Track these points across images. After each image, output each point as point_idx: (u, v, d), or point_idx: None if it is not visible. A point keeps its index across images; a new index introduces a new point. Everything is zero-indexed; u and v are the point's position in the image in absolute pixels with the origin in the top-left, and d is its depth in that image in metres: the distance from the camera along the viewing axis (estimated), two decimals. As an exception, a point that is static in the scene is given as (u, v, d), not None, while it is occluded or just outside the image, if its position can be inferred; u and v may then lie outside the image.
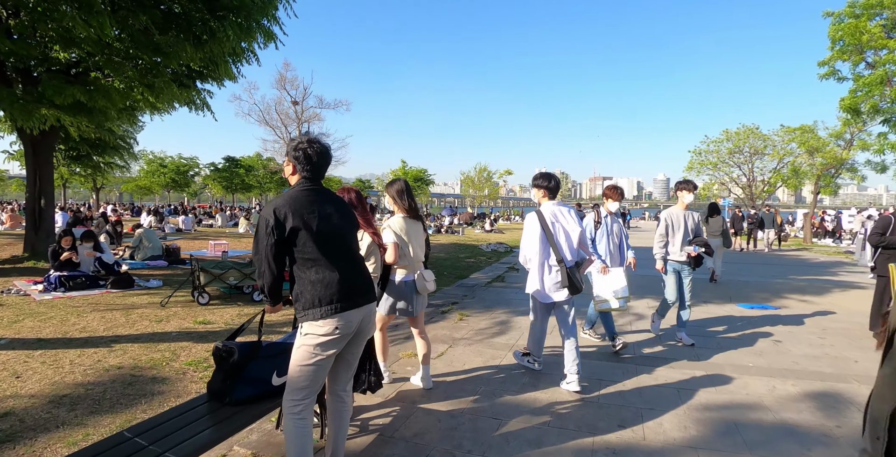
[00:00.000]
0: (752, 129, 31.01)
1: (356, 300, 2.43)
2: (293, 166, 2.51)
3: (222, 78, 10.33)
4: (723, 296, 8.66)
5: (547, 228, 4.02)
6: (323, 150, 2.51)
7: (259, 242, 2.36)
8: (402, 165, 49.86)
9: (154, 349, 4.96)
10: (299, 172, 2.49)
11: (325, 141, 2.59)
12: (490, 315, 6.79)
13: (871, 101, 15.10)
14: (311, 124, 30.50)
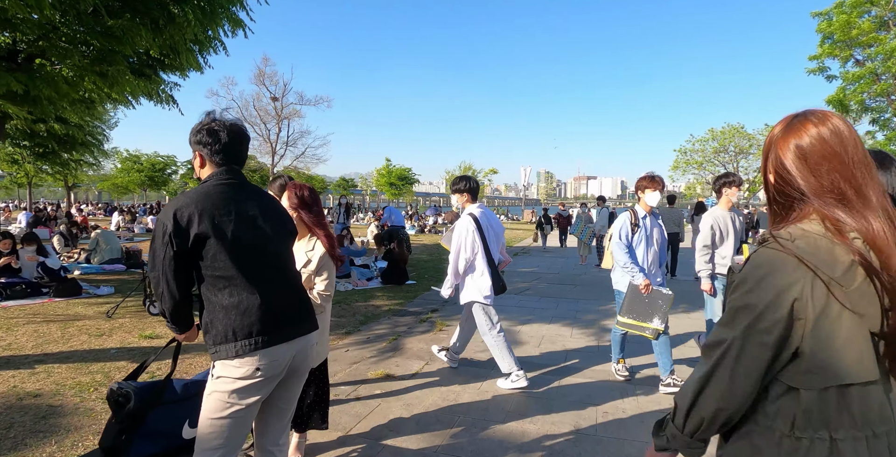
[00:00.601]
0: (737, 128, 31.03)
1: (286, 331, 1.85)
2: (201, 156, 1.92)
3: (186, 68, 9.60)
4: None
5: (482, 231, 4.04)
6: (235, 127, 1.93)
7: (155, 254, 1.76)
8: (387, 164, 49.08)
9: (84, 371, 4.30)
10: (209, 159, 1.91)
11: (236, 119, 2.00)
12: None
13: (858, 97, 14.84)
14: (292, 121, 29.72)
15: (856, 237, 0.96)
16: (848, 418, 0.97)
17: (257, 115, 28.89)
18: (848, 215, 0.97)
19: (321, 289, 2.59)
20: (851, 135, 1.02)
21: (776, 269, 0.97)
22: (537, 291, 8.76)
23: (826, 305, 0.94)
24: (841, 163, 0.99)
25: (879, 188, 1.00)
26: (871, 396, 0.97)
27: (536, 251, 16.46)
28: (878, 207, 0.98)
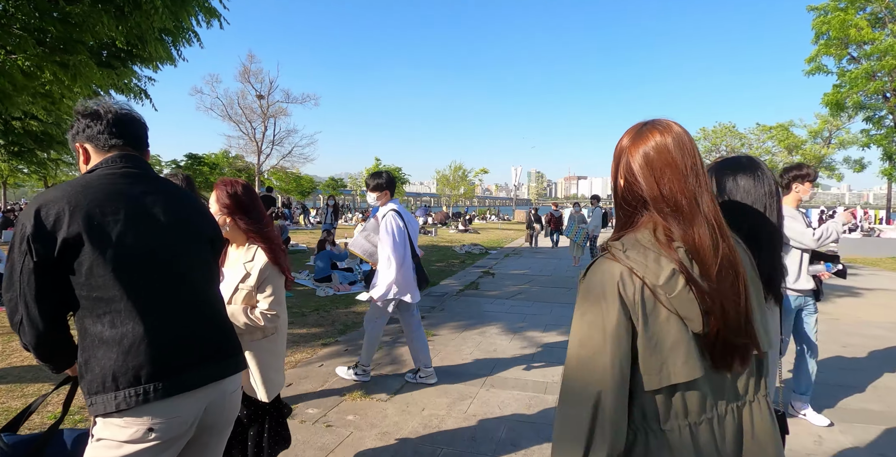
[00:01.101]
0: (728, 127, 30.82)
1: (191, 376, 1.37)
2: (83, 149, 1.46)
3: (156, 59, 9.05)
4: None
5: (405, 226, 3.93)
6: (120, 105, 1.46)
7: (12, 269, 1.27)
8: (377, 163, 48.54)
9: (20, 392, 3.79)
10: (94, 146, 1.44)
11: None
12: (461, 336, 5.74)
13: (855, 97, 14.58)
14: (278, 119, 29.03)
15: (679, 246, 1.02)
16: (675, 411, 1.04)
17: (242, 113, 28.20)
18: (678, 225, 1.03)
19: (265, 308, 2.10)
20: (691, 145, 1.07)
21: (612, 278, 1.02)
22: (529, 296, 8.31)
23: (654, 311, 1.01)
24: (680, 172, 1.04)
25: (710, 198, 1.05)
26: (696, 390, 1.04)
27: (528, 252, 16.05)
28: (706, 217, 1.03)
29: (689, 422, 1.05)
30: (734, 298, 1.02)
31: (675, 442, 1.04)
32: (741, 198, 1.47)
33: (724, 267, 1.02)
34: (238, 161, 37.65)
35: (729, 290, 1.02)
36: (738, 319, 1.03)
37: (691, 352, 1.01)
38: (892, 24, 14.61)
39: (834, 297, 8.64)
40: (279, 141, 29.58)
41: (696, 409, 1.05)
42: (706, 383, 1.06)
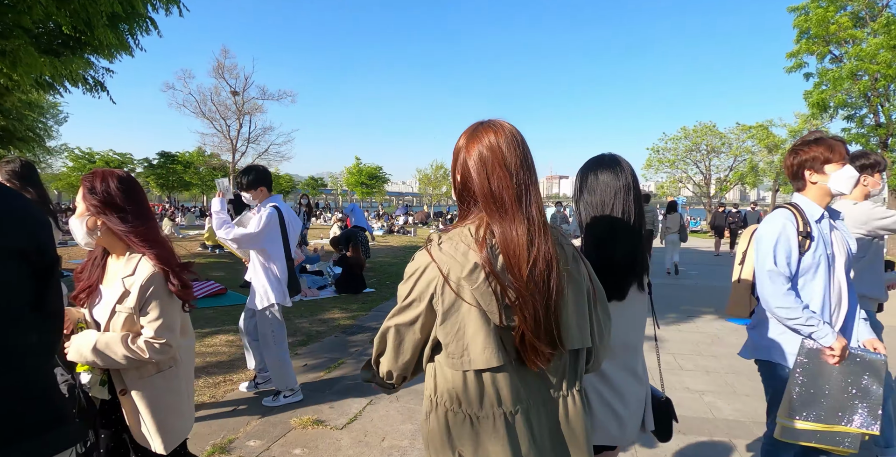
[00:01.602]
0: (709, 126, 30.84)
1: None
2: None
3: (109, 48, 8.41)
4: (706, 307, 7.44)
5: (284, 226, 3.58)
6: None
7: None
8: (357, 162, 47.82)
9: None
10: None
11: None
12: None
13: (839, 97, 14.43)
14: (254, 116, 28.19)
15: (492, 242, 1.08)
16: (485, 398, 1.12)
17: (216, 110, 27.31)
18: (499, 221, 1.09)
19: (150, 336, 1.61)
20: (522, 143, 1.14)
21: (423, 268, 1.11)
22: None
23: (456, 301, 1.08)
24: (508, 170, 1.10)
25: (536, 196, 1.12)
26: (502, 380, 1.11)
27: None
28: (527, 215, 1.10)
29: (503, 411, 1.12)
30: (543, 295, 1.07)
31: (489, 429, 1.12)
32: (602, 190, 1.57)
33: (538, 264, 1.06)
34: (213, 159, 36.70)
35: (539, 286, 1.07)
36: (545, 315, 1.08)
37: (489, 342, 1.07)
38: (873, 23, 14.51)
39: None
40: (255, 139, 28.77)
41: (509, 398, 1.12)
42: (517, 374, 1.12)
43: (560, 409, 1.17)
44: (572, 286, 1.15)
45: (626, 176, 1.58)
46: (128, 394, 1.70)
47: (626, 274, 1.56)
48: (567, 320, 1.12)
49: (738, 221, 15.51)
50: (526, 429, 1.13)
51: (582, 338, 1.16)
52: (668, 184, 33.74)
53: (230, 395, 3.84)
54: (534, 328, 1.06)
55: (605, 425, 1.54)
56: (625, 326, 1.57)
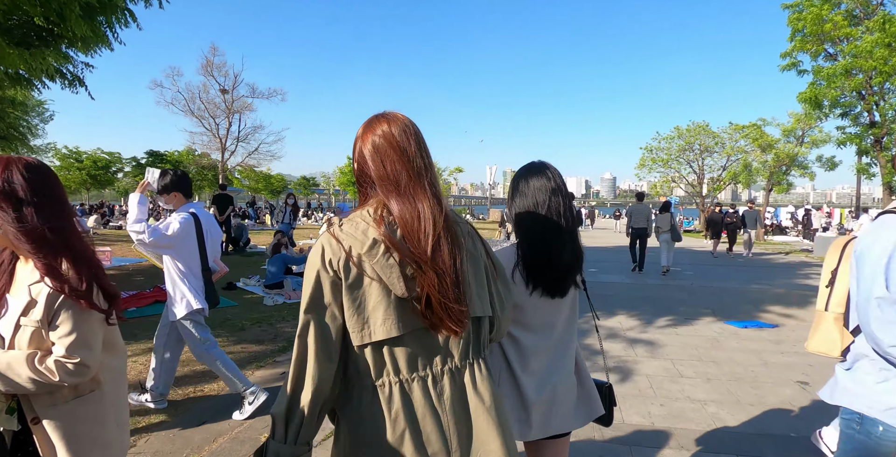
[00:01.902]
0: (702, 126, 30.70)
1: None
2: None
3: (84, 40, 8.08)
4: (703, 309, 7.23)
5: (201, 233, 3.34)
6: None
7: None
8: (349, 162, 47.45)
9: None
10: None
11: None
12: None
13: (833, 92, 14.31)
14: (244, 115, 27.74)
15: (390, 219, 1.15)
16: (386, 368, 1.15)
17: (204, 108, 26.84)
18: (398, 199, 1.16)
19: (61, 354, 1.34)
20: (415, 132, 1.22)
21: (323, 249, 1.15)
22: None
23: (357, 277, 1.12)
24: (403, 154, 1.18)
25: (430, 179, 1.20)
26: (404, 349, 1.15)
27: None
28: (427, 192, 1.17)
29: (399, 379, 1.16)
30: (446, 266, 1.14)
31: (386, 397, 1.15)
32: (533, 193, 1.65)
33: (442, 237, 1.15)
34: (203, 158, 36.23)
35: (442, 258, 1.14)
36: (450, 286, 1.14)
37: (390, 313, 1.13)
38: (868, 21, 14.41)
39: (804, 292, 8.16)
40: (244, 137, 28.33)
41: (406, 367, 1.17)
42: (416, 343, 1.17)
43: (467, 376, 1.21)
44: (469, 259, 1.23)
45: (555, 179, 1.66)
46: (40, 424, 1.43)
47: (568, 272, 1.65)
48: (467, 290, 1.19)
49: (737, 221, 15.17)
50: (424, 396, 1.16)
51: (482, 307, 1.23)
52: (661, 183, 33.61)
53: (197, 407, 3.57)
54: (444, 297, 1.12)
55: (543, 416, 1.63)
56: (562, 322, 1.69)
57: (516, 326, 1.65)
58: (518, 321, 1.65)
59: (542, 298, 1.65)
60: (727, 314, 6.91)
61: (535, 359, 1.65)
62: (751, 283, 9.96)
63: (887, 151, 14.63)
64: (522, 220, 1.67)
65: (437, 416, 1.17)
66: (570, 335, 1.74)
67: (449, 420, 1.17)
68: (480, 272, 1.25)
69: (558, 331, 1.69)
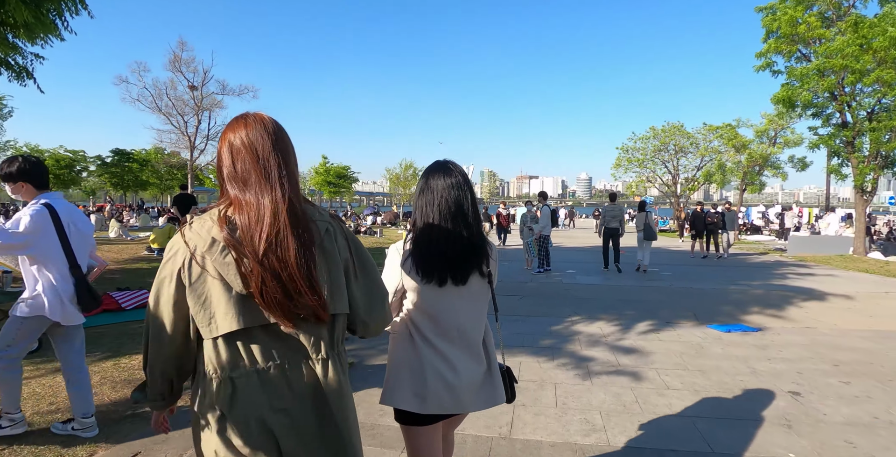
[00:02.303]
0: (677, 126, 30.98)
1: None
2: None
3: (29, 28, 7.50)
4: (684, 311, 7.02)
5: (61, 225, 2.90)
6: None
7: None
8: (324, 162, 46.72)
9: None
10: None
11: None
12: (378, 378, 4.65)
13: (805, 94, 14.38)
14: (213, 112, 26.84)
15: (232, 218, 1.20)
16: (240, 359, 1.21)
17: (172, 105, 25.86)
18: (240, 200, 1.22)
19: None
20: (272, 133, 1.27)
21: (174, 248, 1.22)
22: (477, 306, 7.29)
23: (201, 274, 1.19)
24: (255, 155, 1.24)
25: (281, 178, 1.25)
26: (253, 342, 1.22)
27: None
28: (275, 193, 1.22)
29: (255, 368, 1.22)
30: (281, 264, 1.18)
31: (242, 386, 1.21)
32: (434, 189, 1.73)
33: (283, 236, 1.19)
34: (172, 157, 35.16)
35: (278, 256, 1.18)
36: (284, 282, 1.18)
37: (231, 308, 1.18)
38: (840, 23, 14.53)
39: (799, 300, 8.06)
40: (214, 136, 27.37)
41: (262, 358, 1.23)
42: (267, 337, 1.23)
43: (319, 369, 1.27)
44: (325, 258, 1.27)
45: (457, 176, 1.75)
46: None
47: (464, 261, 1.71)
48: (320, 287, 1.23)
49: (719, 221, 14.82)
50: (282, 384, 1.23)
51: (335, 304, 1.27)
52: (636, 183, 33.81)
53: (136, 432, 3.14)
54: (272, 292, 1.17)
55: (438, 394, 1.70)
56: (465, 309, 1.76)
57: (418, 311, 1.75)
58: (418, 307, 1.74)
59: (441, 287, 1.71)
60: (709, 317, 6.71)
61: (438, 342, 1.73)
62: (729, 283, 9.85)
63: (859, 152, 14.78)
64: (420, 213, 1.75)
65: (286, 404, 1.24)
66: (475, 323, 1.80)
67: (298, 409, 1.25)
68: (337, 271, 1.29)
69: (461, 318, 1.75)
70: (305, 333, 1.25)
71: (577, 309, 7.16)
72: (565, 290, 8.85)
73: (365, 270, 1.37)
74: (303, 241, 1.21)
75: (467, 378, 1.75)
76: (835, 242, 16.84)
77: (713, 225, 14.63)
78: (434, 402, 1.71)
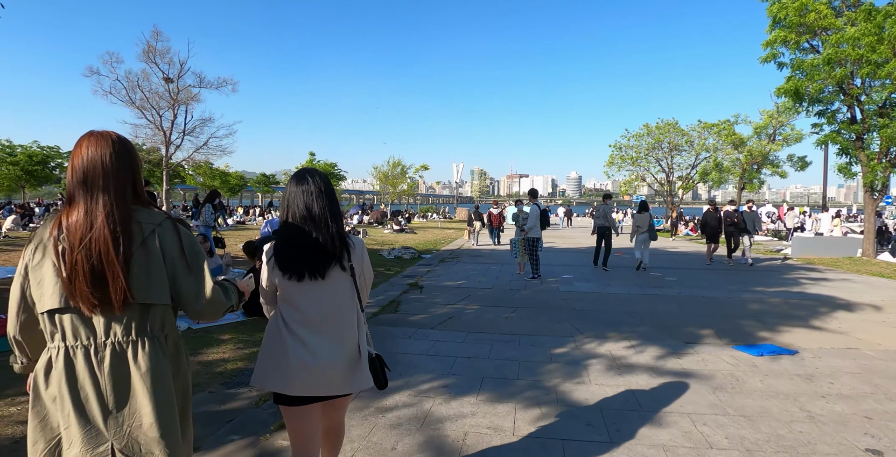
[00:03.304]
0: (672, 123, 30.20)
1: None
2: None
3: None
4: (702, 329, 6.08)
5: None
6: None
7: None
8: (310, 158, 45.44)
9: None
10: None
11: None
12: (375, 406, 3.63)
13: (815, 85, 13.52)
14: (190, 106, 25.51)
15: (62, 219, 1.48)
16: (58, 334, 1.47)
17: (145, 98, 24.48)
18: (69, 205, 1.50)
19: None
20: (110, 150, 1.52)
21: (30, 237, 1.52)
22: (463, 322, 6.28)
23: (42, 260, 1.47)
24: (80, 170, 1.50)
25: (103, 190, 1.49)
26: (68, 320, 1.46)
27: (467, 256, 14.11)
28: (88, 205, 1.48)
29: (66, 345, 1.46)
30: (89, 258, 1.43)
31: (55, 359, 1.46)
32: (295, 193, 1.96)
33: (97, 235, 1.44)
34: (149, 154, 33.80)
35: (88, 252, 1.44)
36: (96, 274, 1.43)
37: (56, 290, 1.44)
38: (850, 12, 13.70)
39: (826, 312, 7.14)
40: (191, 131, 26.06)
41: (72, 336, 1.46)
42: (83, 318, 1.46)
43: (129, 351, 1.48)
44: (146, 255, 1.50)
45: (311, 184, 1.97)
46: None
47: (317, 259, 1.92)
48: (131, 280, 1.47)
49: (740, 222, 12.61)
50: (85, 362, 1.45)
51: (148, 295, 1.50)
52: (629, 181, 33.00)
53: None
54: (81, 281, 1.43)
55: (301, 377, 1.90)
56: (327, 301, 1.96)
57: (284, 302, 1.97)
58: (284, 299, 1.96)
59: (300, 281, 1.91)
60: (732, 335, 5.78)
61: (300, 330, 1.92)
62: (742, 291, 8.94)
63: (868, 148, 13.98)
64: (280, 215, 2.01)
65: (95, 380, 1.45)
66: (340, 314, 1.98)
67: (107, 385, 1.46)
68: (156, 266, 1.51)
69: (324, 309, 1.95)
70: (109, 318, 1.47)
71: (580, 325, 6.19)
72: (563, 300, 7.87)
73: (195, 267, 1.58)
74: (116, 240, 1.45)
75: (329, 362, 1.91)
76: (840, 244, 16.05)
77: (733, 227, 12.79)
78: (299, 384, 1.90)
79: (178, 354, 1.59)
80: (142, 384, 1.45)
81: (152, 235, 1.50)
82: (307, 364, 1.87)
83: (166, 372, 1.51)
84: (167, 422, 1.48)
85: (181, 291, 1.53)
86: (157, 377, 1.48)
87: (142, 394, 1.45)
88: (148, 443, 1.46)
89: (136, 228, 1.48)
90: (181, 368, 1.59)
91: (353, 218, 31.69)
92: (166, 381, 1.51)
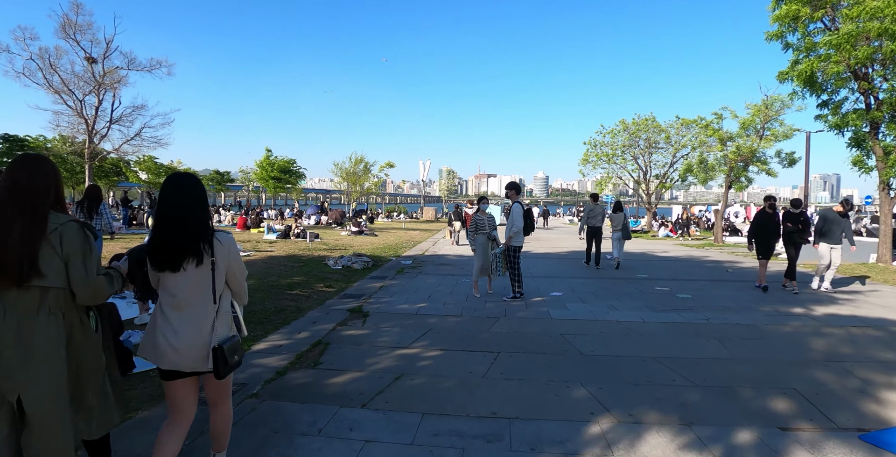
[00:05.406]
0: (649, 119, 28.65)
1: None
2: None
3: None
4: (783, 391, 3.96)
5: None
6: None
7: None
8: (267, 155, 42.36)
9: None
10: None
11: None
12: None
13: (833, 66, 11.73)
14: (118, 91, 22.38)
15: None
16: None
17: (61, 80, 21.23)
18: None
19: None
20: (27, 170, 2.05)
21: None
22: (414, 391, 3.98)
23: None
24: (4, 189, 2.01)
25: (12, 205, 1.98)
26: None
27: (432, 265, 11.79)
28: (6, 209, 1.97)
29: None
30: None
31: None
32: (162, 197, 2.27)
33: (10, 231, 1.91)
34: (63, 143, 30.14)
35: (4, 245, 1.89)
36: None
37: None
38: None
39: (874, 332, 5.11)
40: (121, 119, 22.92)
41: None
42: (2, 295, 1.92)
43: (32, 325, 1.93)
44: (50, 249, 1.96)
45: (185, 186, 2.28)
46: None
47: (171, 256, 2.21)
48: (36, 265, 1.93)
49: (804, 228, 8.82)
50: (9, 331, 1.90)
51: (45, 279, 1.95)
52: (603, 181, 31.33)
53: None
54: None
55: (167, 353, 2.21)
56: (188, 289, 2.24)
57: (160, 287, 2.30)
58: (158, 284, 2.30)
59: (162, 272, 2.24)
60: (831, 404, 3.68)
61: (169, 312, 2.25)
62: (777, 314, 6.90)
63: (886, 138, 12.32)
64: (155, 215, 2.34)
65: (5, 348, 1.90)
66: (198, 299, 2.27)
67: (4, 346, 1.89)
68: (55, 258, 1.97)
69: (185, 294, 2.25)
70: (21, 296, 1.93)
71: (598, 390, 3.98)
72: (561, 335, 5.64)
73: (81, 260, 2.02)
74: (23, 237, 1.92)
75: (187, 343, 2.22)
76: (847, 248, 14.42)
77: (796, 234, 8.80)
78: (166, 359, 2.23)
79: (75, 330, 2.07)
80: (36, 350, 1.94)
81: (54, 233, 1.99)
82: (171, 343, 2.20)
83: (53, 339, 1.98)
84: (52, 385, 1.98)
85: (71, 277, 2.01)
86: (47, 345, 1.96)
87: (35, 358, 1.93)
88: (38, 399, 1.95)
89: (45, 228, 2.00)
90: (74, 341, 2.06)
91: (311, 218, 28.96)
92: (54, 348, 1.98)
